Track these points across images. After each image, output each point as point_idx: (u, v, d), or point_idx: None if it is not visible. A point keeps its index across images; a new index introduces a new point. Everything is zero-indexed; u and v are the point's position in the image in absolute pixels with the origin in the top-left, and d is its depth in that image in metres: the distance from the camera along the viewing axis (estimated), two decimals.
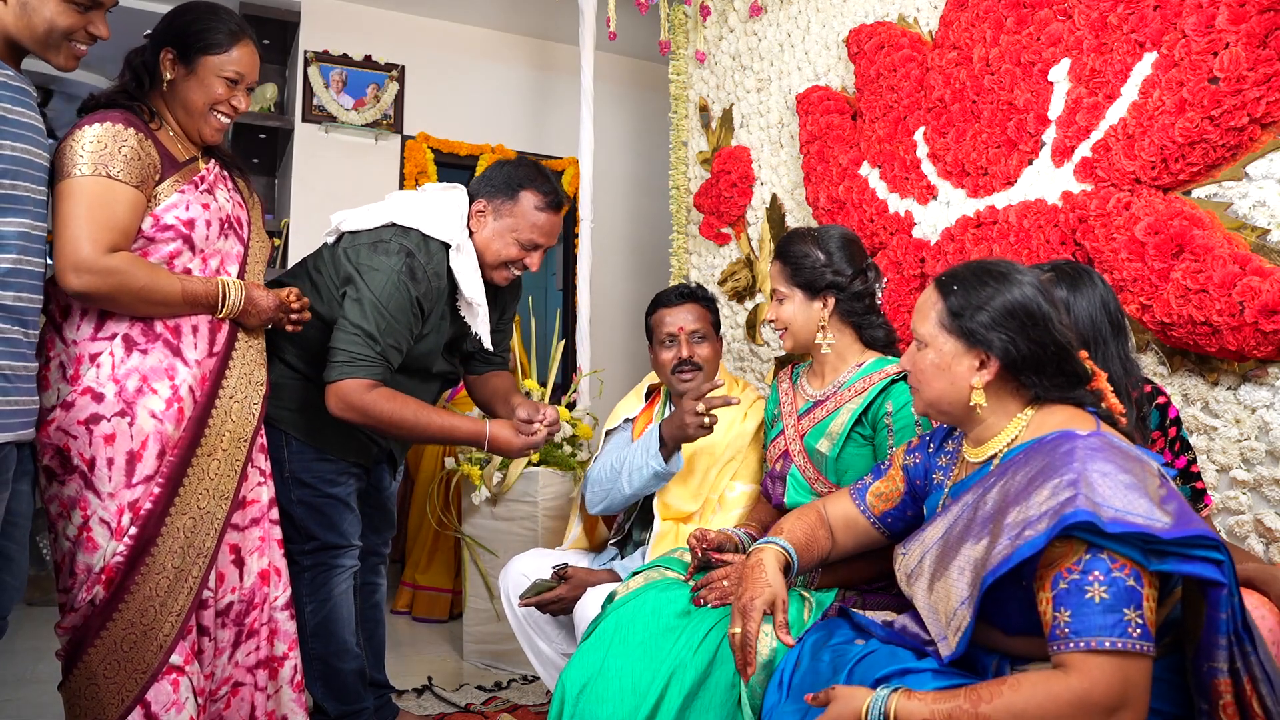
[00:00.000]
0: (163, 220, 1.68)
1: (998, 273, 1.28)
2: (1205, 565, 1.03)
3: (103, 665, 1.60)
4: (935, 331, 1.31)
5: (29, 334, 1.52)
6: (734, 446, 2.08)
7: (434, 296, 2.00)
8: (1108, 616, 1.02)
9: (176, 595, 1.65)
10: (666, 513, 2.05)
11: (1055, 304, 1.28)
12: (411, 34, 4.43)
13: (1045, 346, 1.24)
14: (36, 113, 1.54)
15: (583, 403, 3.39)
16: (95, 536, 1.61)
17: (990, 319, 1.25)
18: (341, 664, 2.10)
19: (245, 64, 1.78)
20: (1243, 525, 1.77)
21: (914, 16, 2.62)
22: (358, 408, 1.88)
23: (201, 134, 1.78)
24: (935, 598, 1.23)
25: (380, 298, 1.91)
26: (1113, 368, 1.46)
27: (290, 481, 2.03)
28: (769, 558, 1.40)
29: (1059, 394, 1.26)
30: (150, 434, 1.63)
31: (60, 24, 1.53)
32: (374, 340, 1.90)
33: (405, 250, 1.95)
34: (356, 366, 1.88)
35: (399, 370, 2.00)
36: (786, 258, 1.82)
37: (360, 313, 1.90)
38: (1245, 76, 1.71)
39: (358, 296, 1.92)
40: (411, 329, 1.97)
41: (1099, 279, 1.53)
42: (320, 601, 2.07)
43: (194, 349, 1.71)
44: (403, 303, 1.93)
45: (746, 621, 1.28)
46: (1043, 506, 1.08)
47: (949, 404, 1.31)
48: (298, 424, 2.02)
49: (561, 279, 5.18)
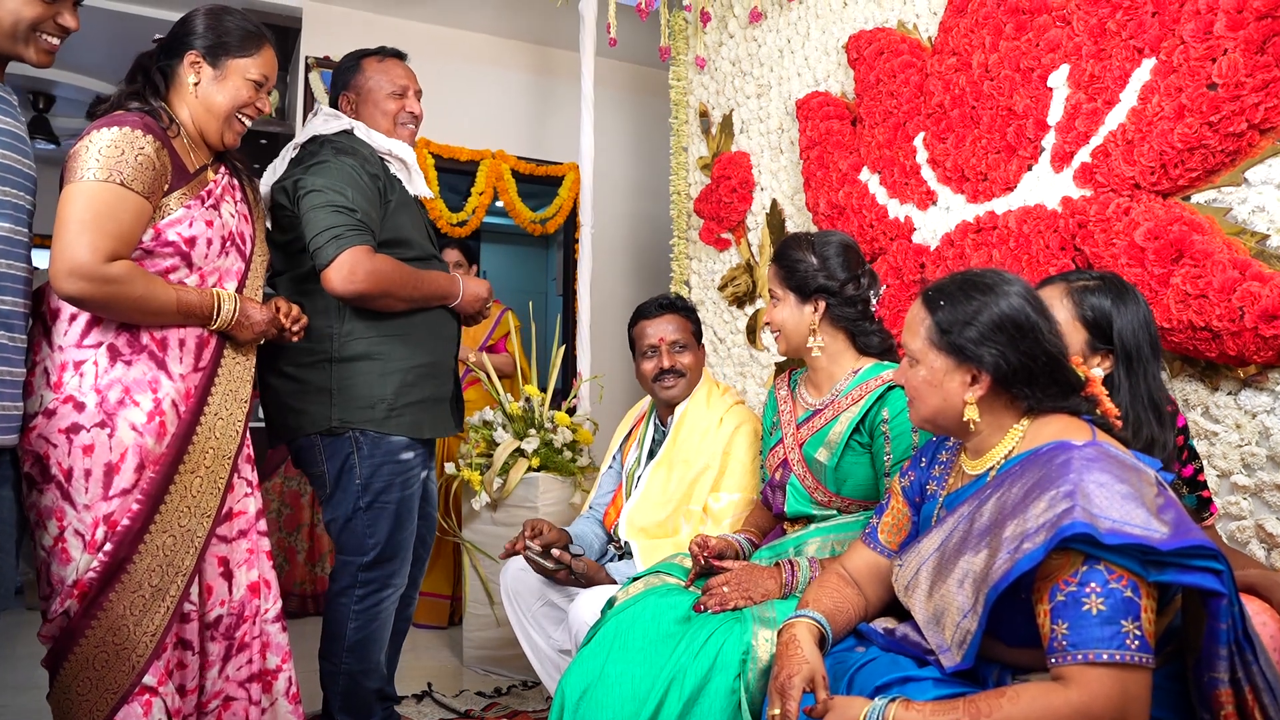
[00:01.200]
0: (164, 235, 1.65)
1: (984, 284, 1.27)
2: (1204, 575, 1.03)
3: (76, 682, 1.57)
4: (925, 348, 1.30)
5: (15, 338, 1.51)
6: (707, 452, 2.09)
7: (374, 161, 2.05)
8: (1105, 629, 1.02)
9: (153, 614, 1.61)
10: (632, 530, 2.06)
11: (1045, 313, 1.26)
12: (412, 40, 4.43)
13: (1036, 358, 1.23)
14: (17, 120, 1.54)
15: (583, 408, 3.39)
16: (69, 549, 1.58)
17: (979, 334, 1.24)
18: (368, 682, 2.09)
19: (270, 66, 1.80)
20: (1244, 531, 1.77)
21: (913, 22, 2.62)
22: (369, 270, 1.89)
23: (224, 138, 1.78)
24: (935, 609, 1.23)
25: (332, 180, 1.94)
26: (1153, 386, 1.45)
27: (360, 489, 2.02)
28: (802, 633, 1.30)
29: (1053, 403, 1.25)
30: (130, 446, 1.60)
31: (26, 15, 1.51)
32: (349, 209, 1.92)
33: (332, 149, 2.01)
34: (346, 238, 1.90)
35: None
36: (782, 261, 1.83)
37: (322, 196, 1.92)
38: (1244, 82, 1.71)
39: (310, 188, 1.94)
40: (378, 201, 2.00)
41: (1141, 298, 1.52)
42: (365, 621, 2.05)
43: (179, 363, 1.68)
44: (351, 174, 1.96)
45: (786, 701, 1.19)
46: (1040, 519, 1.08)
47: (944, 419, 1.31)
48: (371, 417, 2.01)
49: (562, 284, 5.18)
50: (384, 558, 2.06)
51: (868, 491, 1.76)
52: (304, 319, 1.91)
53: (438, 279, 2.10)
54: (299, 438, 2.05)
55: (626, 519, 2.08)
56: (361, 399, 2.01)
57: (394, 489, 2.05)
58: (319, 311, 2.00)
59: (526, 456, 2.97)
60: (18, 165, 1.52)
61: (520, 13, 4.35)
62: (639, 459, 2.25)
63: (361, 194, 1.96)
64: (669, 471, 2.10)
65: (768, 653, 1.46)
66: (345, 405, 2.00)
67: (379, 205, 2.01)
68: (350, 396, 2.00)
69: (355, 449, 2.01)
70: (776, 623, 1.51)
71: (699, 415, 2.15)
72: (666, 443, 2.16)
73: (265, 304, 1.83)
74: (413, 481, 2.09)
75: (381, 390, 2.02)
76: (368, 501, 2.03)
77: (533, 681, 2.89)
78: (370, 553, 2.04)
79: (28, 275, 1.55)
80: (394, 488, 2.05)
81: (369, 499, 2.03)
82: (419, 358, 2.08)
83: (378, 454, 2.03)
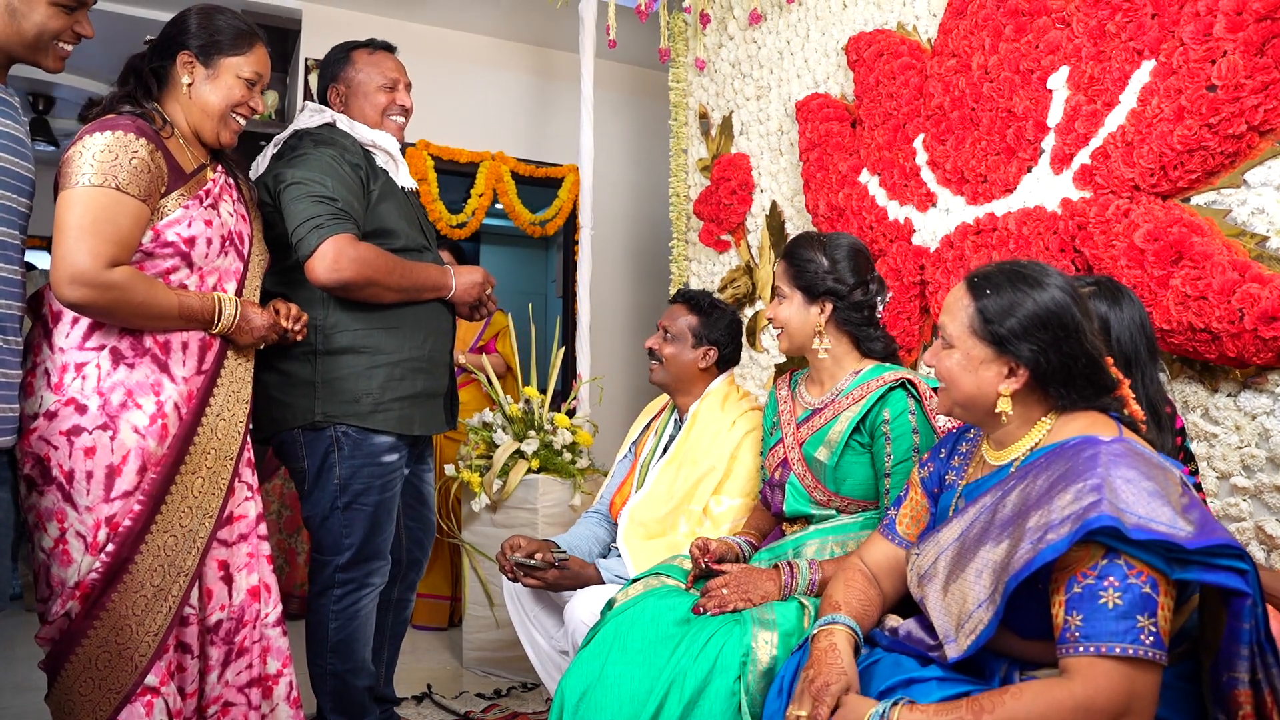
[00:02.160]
0: (163, 236, 1.65)
1: (1030, 277, 1.25)
2: (1229, 575, 1.02)
3: (79, 682, 1.58)
4: (964, 334, 1.28)
5: (9, 341, 1.51)
6: (715, 454, 2.09)
7: (355, 152, 2.04)
8: (1120, 623, 1.02)
9: (155, 614, 1.62)
10: (632, 524, 2.05)
11: (1088, 313, 1.25)
12: (412, 41, 4.43)
13: (1076, 359, 1.22)
14: (18, 123, 1.54)
15: (582, 410, 3.39)
16: (70, 550, 1.58)
17: (1022, 327, 1.22)
18: (356, 681, 2.08)
19: (263, 64, 1.79)
20: (1243, 532, 1.77)
21: (913, 24, 2.63)
22: (353, 258, 1.88)
23: (220, 137, 1.78)
24: (950, 599, 1.22)
25: (312, 170, 1.93)
26: (1151, 389, 1.44)
27: (338, 489, 2.00)
28: (842, 641, 1.27)
29: (1085, 403, 1.24)
30: (132, 449, 1.60)
31: (51, 26, 1.53)
32: (330, 199, 1.91)
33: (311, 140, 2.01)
34: (329, 226, 1.88)
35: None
36: (792, 259, 1.83)
37: (303, 188, 1.91)
38: (1243, 84, 1.71)
39: (290, 180, 1.93)
40: (359, 191, 2.00)
41: (1136, 300, 1.52)
42: (346, 620, 2.04)
43: (182, 365, 1.68)
44: (330, 164, 1.95)
45: (819, 706, 1.16)
46: (1065, 510, 1.07)
47: (975, 407, 1.29)
48: (355, 411, 1.99)
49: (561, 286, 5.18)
50: (360, 558, 2.04)
51: (867, 491, 1.76)
52: (304, 316, 1.90)
53: (428, 269, 2.09)
54: (282, 431, 2.02)
55: (629, 512, 2.07)
56: (346, 392, 1.98)
57: (372, 491, 2.03)
58: (303, 304, 1.98)
59: (526, 458, 2.97)
60: (15, 168, 1.52)
61: (520, 14, 4.35)
62: (654, 449, 2.26)
63: (342, 183, 1.95)
64: (677, 470, 2.10)
65: (768, 655, 1.46)
66: (329, 399, 1.98)
67: (361, 195, 2.00)
68: (335, 390, 1.98)
69: (336, 447, 1.99)
70: (776, 625, 1.51)
71: (711, 416, 2.15)
72: (678, 439, 2.16)
73: (265, 307, 1.83)
74: (393, 484, 2.07)
75: (367, 384, 2.00)
76: (345, 502, 2.01)
77: (532, 683, 2.89)
78: (346, 553, 2.03)
79: (21, 278, 1.55)
80: (373, 490, 2.03)
81: (347, 499, 2.01)
82: (408, 351, 2.06)
83: (359, 455, 2.00)
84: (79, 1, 1.55)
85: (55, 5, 1.52)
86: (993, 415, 1.27)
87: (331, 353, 1.99)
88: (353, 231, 1.92)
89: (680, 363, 2.21)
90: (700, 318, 2.21)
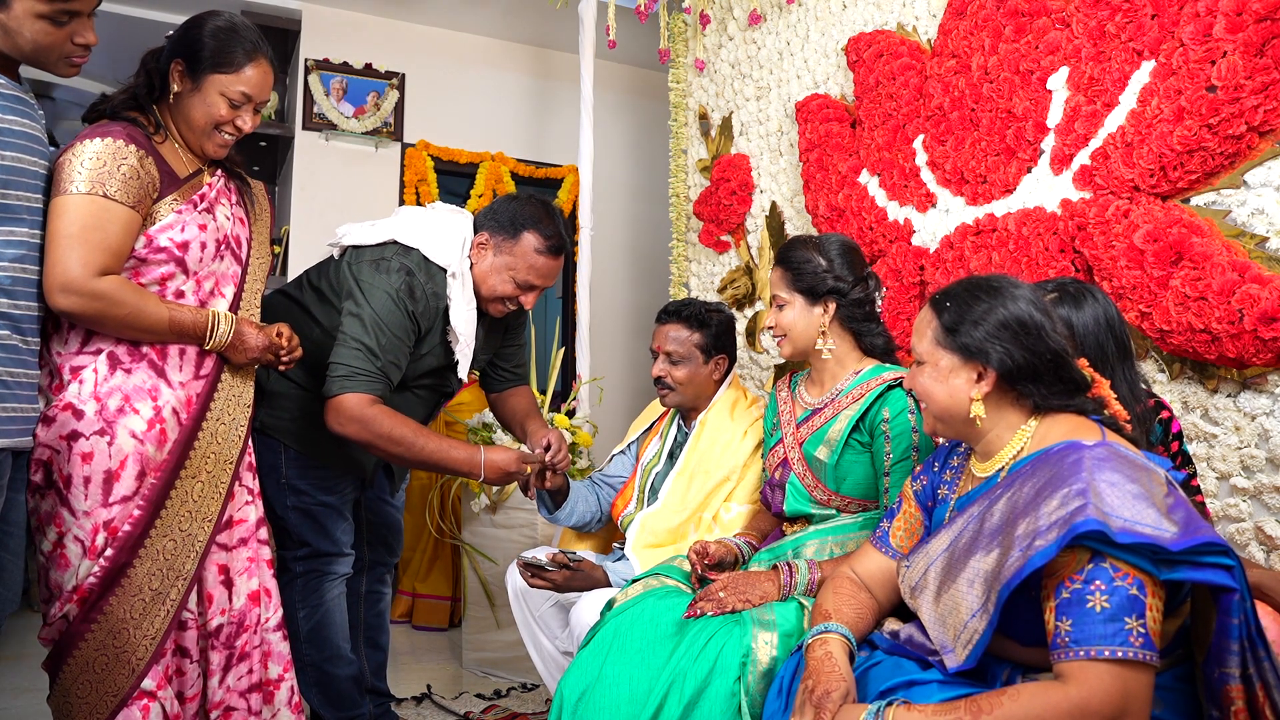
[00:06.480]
0: (156, 242, 1.64)
1: (991, 288, 1.30)
2: (1216, 572, 1.03)
3: (76, 685, 1.57)
4: (931, 348, 1.32)
5: (28, 341, 1.51)
6: (728, 465, 2.08)
7: (431, 316, 2.00)
8: (1108, 626, 1.02)
9: (153, 618, 1.61)
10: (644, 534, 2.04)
11: (1050, 314, 1.28)
12: (412, 42, 4.43)
13: (1041, 355, 1.24)
14: (36, 121, 1.53)
15: (582, 410, 3.39)
16: (68, 554, 1.58)
17: (984, 331, 1.26)
18: (336, 670, 2.09)
19: (255, 85, 1.72)
20: (1243, 533, 1.77)
21: (913, 25, 2.63)
22: (359, 421, 1.86)
23: (205, 150, 1.74)
24: (943, 609, 1.22)
25: (380, 314, 1.90)
26: (1120, 390, 1.43)
27: (286, 488, 2.02)
28: (837, 649, 1.28)
29: (1060, 402, 1.26)
30: (130, 454, 1.59)
31: (44, 42, 1.52)
32: (375, 356, 1.89)
33: (406, 269, 1.95)
34: (358, 381, 1.87)
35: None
36: (788, 263, 1.83)
37: (361, 328, 1.89)
38: (1243, 85, 1.71)
39: (358, 312, 1.91)
40: (409, 348, 1.97)
41: (1102, 297, 1.52)
42: (313, 608, 2.06)
43: (179, 371, 1.68)
44: (402, 320, 1.93)
45: (821, 713, 1.18)
46: (1052, 516, 1.08)
47: (951, 418, 1.32)
48: (295, 434, 2.01)
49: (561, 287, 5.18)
50: (317, 553, 2.07)
51: (866, 490, 1.76)
52: (297, 353, 1.84)
53: (450, 452, 1.95)
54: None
55: (641, 524, 2.06)
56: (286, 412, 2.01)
57: (318, 493, 2.05)
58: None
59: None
60: (33, 168, 1.52)
61: (519, 15, 4.35)
62: (658, 455, 2.24)
63: (394, 337, 1.92)
64: (689, 481, 2.08)
65: (768, 655, 1.46)
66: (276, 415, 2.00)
67: (408, 350, 1.97)
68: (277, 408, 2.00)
69: (283, 450, 2.02)
70: (776, 625, 1.51)
71: (721, 425, 2.13)
72: (687, 449, 2.14)
73: (265, 328, 1.79)
74: (340, 487, 2.09)
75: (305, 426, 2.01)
76: (293, 503, 2.04)
77: (532, 684, 2.89)
78: (300, 549, 2.06)
79: (39, 279, 1.54)
80: (320, 491, 2.06)
81: (294, 500, 2.04)
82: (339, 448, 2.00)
83: (304, 461, 2.03)
84: (69, 14, 1.52)
85: (42, 21, 1.49)
86: (970, 424, 1.30)
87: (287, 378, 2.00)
88: (378, 392, 1.89)
89: (697, 383, 2.17)
90: (703, 332, 2.16)
